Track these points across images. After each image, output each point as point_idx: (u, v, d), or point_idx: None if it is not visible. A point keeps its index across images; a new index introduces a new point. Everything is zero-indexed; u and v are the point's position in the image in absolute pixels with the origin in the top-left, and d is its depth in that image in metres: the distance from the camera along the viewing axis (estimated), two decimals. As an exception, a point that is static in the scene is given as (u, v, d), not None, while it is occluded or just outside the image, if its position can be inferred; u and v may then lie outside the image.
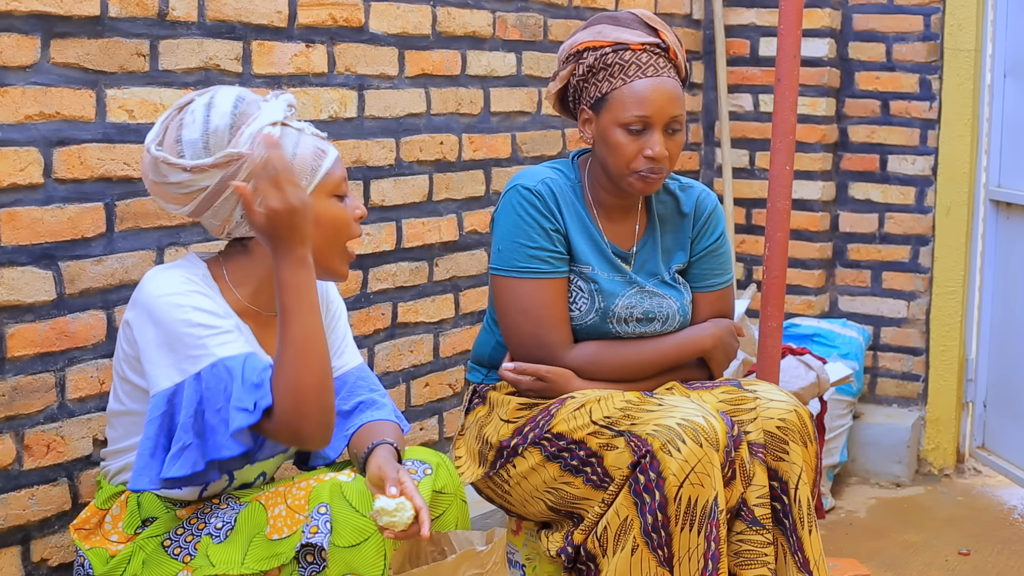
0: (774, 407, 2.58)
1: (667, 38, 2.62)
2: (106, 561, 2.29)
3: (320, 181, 2.26)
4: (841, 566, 3.48)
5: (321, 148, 2.28)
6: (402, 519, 2.14)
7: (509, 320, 2.64)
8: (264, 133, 2.21)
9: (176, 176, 2.21)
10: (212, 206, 2.24)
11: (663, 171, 2.62)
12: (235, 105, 2.23)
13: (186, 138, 2.21)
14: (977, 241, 4.59)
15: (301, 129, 2.28)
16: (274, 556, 2.18)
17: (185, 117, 2.23)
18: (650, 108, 2.58)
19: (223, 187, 2.21)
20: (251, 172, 2.19)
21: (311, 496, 2.20)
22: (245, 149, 2.20)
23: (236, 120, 2.22)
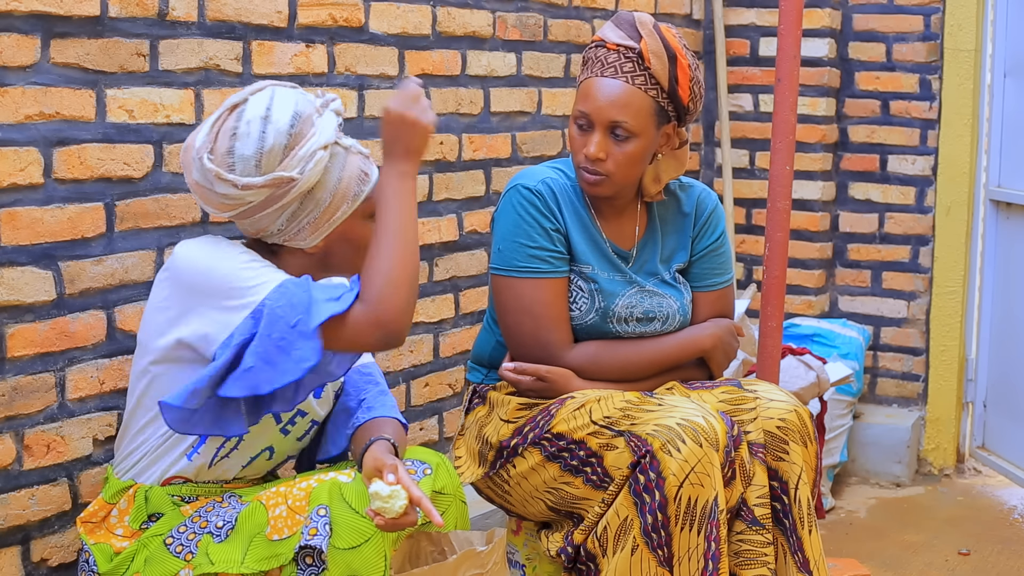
0: (774, 407, 2.58)
1: (646, 45, 2.56)
2: (110, 558, 2.29)
3: (360, 205, 2.30)
4: (841, 566, 3.48)
5: (365, 171, 2.31)
6: (394, 507, 2.13)
7: (509, 320, 2.64)
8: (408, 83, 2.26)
9: (223, 188, 2.22)
10: (252, 217, 2.27)
11: (601, 176, 2.58)
12: (292, 124, 2.22)
13: (239, 152, 2.21)
14: (977, 241, 4.59)
15: (348, 148, 2.29)
16: (274, 556, 2.18)
17: (240, 127, 2.22)
18: (589, 106, 2.58)
19: (268, 204, 2.23)
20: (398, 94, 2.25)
21: (311, 497, 2.20)
22: (296, 172, 2.21)
23: (291, 140, 2.22)
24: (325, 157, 2.24)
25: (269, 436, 2.38)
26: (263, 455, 2.41)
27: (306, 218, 2.27)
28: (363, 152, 2.34)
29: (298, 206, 2.25)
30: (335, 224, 2.30)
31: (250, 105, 2.24)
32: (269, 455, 2.42)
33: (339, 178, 2.27)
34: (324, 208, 2.27)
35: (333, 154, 2.26)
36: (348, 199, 2.29)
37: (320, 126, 2.25)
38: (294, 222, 2.27)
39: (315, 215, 2.27)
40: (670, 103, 2.60)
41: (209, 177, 2.22)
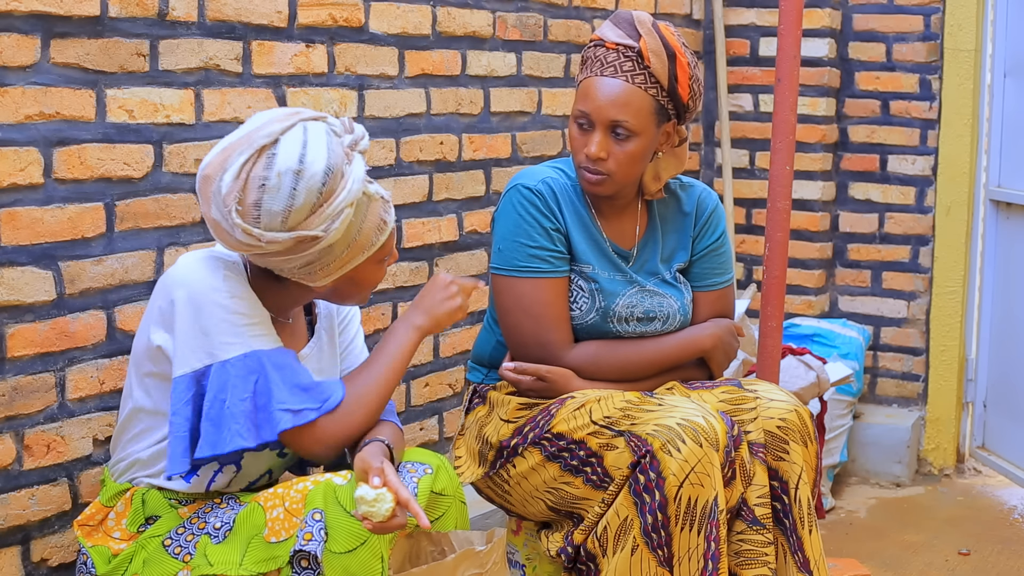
0: (774, 407, 2.58)
1: (645, 43, 2.57)
2: (108, 560, 2.29)
3: (374, 255, 2.31)
4: (841, 566, 3.48)
5: (384, 220, 2.30)
6: (380, 510, 2.12)
7: (510, 320, 2.64)
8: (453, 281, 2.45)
9: (243, 237, 2.17)
10: (266, 260, 2.25)
11: (602, 175, 2.59)
12: (324, 180, 2.16)
13: (267, 207, 2.15)
14: (977, 241, 4.59)
15: (371, 196, 2.26)
16: (271, 559, 2.18)
17: (271, 178, 2.14)
18: (590, 105, 2.58)
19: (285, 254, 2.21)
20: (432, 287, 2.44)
21: (306, 500, 2.20)
22: (320, 231, 2.18)
23: (321, 199, 2.17)
24: (351, 214, 2.21)
25: (267, 461, 2.38)
26: (263, 478, 2.41)
27: (320, 265, 2.26)
28: (384, 197, 2.31)
29: (315, 256, 2.23)
30: (347, 270, 2.29)
31: (281, 152, 2.16)
32: (269, 476, 2.42)
33: (359, 230, 2.25)
34: (339, 257, 2.26)
35: (357, 205, 2.23)
36: (365, 249, 2.28)
37: (350, 179, 2.20)
38: (307, 267, 2.25)
39: (329, 263, 2.26)
40: (670, 101, 2.60)
41: (233, 226, 2.16)
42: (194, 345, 2.18)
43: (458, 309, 2.44)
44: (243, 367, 2.17)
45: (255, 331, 2.21)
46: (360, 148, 2.27)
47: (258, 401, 2.18)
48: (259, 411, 2.18)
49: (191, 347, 2.19)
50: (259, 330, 2.22)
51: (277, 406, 2.18)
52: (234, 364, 2.17)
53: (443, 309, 2.42)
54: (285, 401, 2.18)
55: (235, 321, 2.19)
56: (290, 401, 2.19)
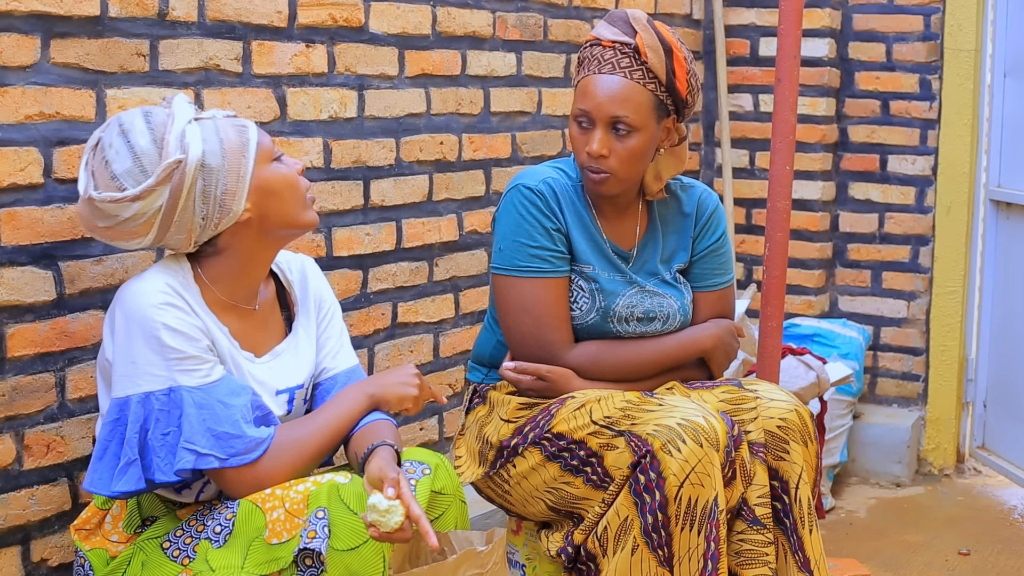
0: (774, 407, 2.58)
1: (641, 39, 2.58)
2: (106, 562, 2.29)
3: (256, 155, 2.29)
4: (841, 566, 3.48)
5: (240, 125, 2.31)
6: (390, 522, 2.12)
7: (510, 319, 2.64)
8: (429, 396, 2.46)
9: (127, 211, 2.22)
10: (173, 221, 2.25)
11: (605, 173, 2.59)
12: (147, 122, 2.24)
13: (119, 170, 2.21)
14: (977, 241, 4.59)
15: (213, 116, 2.30)
16: (273, 560, 2.18)
17: (107, 153, 2.23)
18: (590, 103, 2.58)
19: (176, 199, 2.22)
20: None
21: (309, 500, 2.19)
22: (179, 154, 2.21)
23: (156, 134, 2.23)
24: (196, 129, 2.24)
25: None
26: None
27: (218, 188, 2.25)
28: (229, 114, 2.34)
29: (203, 182, 2.24)
30: (246, 180, 2.28)
31: (105, 135, 2.26)
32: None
33: (220, 139, 2.26)
34: (226, 171, 2.26)
35: (203, 127, 2.26)
36: (242, 152, 2.28)
37: (174, 110, 2.26)
38: (210, 200, 2.25)
39: (224, 181, 2.25)
40: (669, 96, 2.61)
41: (108, 210, 2.22)
42: (123, 372, 2.21)
43: (409, 398, 2.42)
44: (166, 402, 2.19)
45: (184, 366, 2.21)
46: (178, 97, 2.31)
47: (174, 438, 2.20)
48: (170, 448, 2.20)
49: (120, 373, 2.21)
50: (189, 364, 2.21)
51: (184, 444, 2.19)
52: (157, 398, 2.19)
53: (396, 391, 2.42)
54: (194, 441, 2.19)
55: (165, 355, 2.19)
56: (199, 443, 2.19)
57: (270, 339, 2.41)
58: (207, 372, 2.22)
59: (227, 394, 2.22)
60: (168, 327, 2.20)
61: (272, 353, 2.40)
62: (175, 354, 2.20)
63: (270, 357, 2.39)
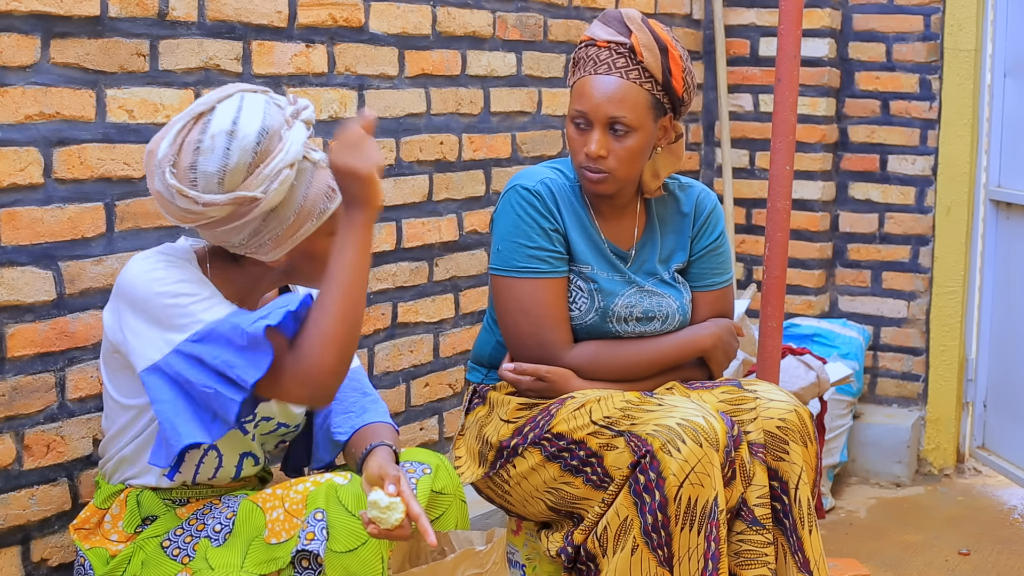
0: (774, 407, 2.58)
1: (637, 39, 2.57)
2: (106, 562, 2.29)
3: (325, 222, 2.24)
4: (841, 566, 3.48)
5: (332, 187, 2.23)
6: (390, 519, 2.13)
7: (509, 320, 2.64)
8: (365, 114, 2.18)
9: (184, 203, 2.15)
10: (214, 231, 2.21)
11: (604, 173, 2.59)
12: (258, 141, 2.13)
13: (201, 168, 2.13)
14: (977, 241, 4.59)
15: (316, 163, 2.22)
16: (272, 560, 2.18)
17: (204, 141, 2.13)
18: (587, 104, 2.58)
19: (229, 221, 2.17)
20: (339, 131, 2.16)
21: (308, 500, 2.19)
22: (259, 192, 2.14)
23: (257, 158, 2.14)
24: (291, 175, 2.16)
25: (240, 443, 2.36)
26: (248, 461, 2.39)
27: (268, 235, 2.20)
28: None
29: (260, 223, 2.18)
30: (298, 240, 2.23)
31: (216, 116, 2.15)
32: (255, 461, 2.40)
33: (304, 195, 2.19)
34: (287, 226, 2.20)
35: (300, 170, 2.18)
36: (313, 216, 2.22)
37: (288, 141, 2.17)
38: (256, 238, 2.20)
39: (278, 232, 2.20)
40: (665, 95, 2.61)
41: (171, 191, 2.14)
42: (148, 337, 2.14)
43: (369, 170, 2.14)
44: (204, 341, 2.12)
45: (203, 305, 2.15)
46: (303, 117, 2.23)
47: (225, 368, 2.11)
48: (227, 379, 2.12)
49: (146, 340, 2.15)
50: (207, 303, 2.15)
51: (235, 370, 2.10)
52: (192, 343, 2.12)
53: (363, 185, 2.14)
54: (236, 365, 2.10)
55: (181, 303, 2.14)
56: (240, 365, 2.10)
57: None
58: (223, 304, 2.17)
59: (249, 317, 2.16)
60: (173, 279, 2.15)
61: None
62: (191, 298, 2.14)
63: None
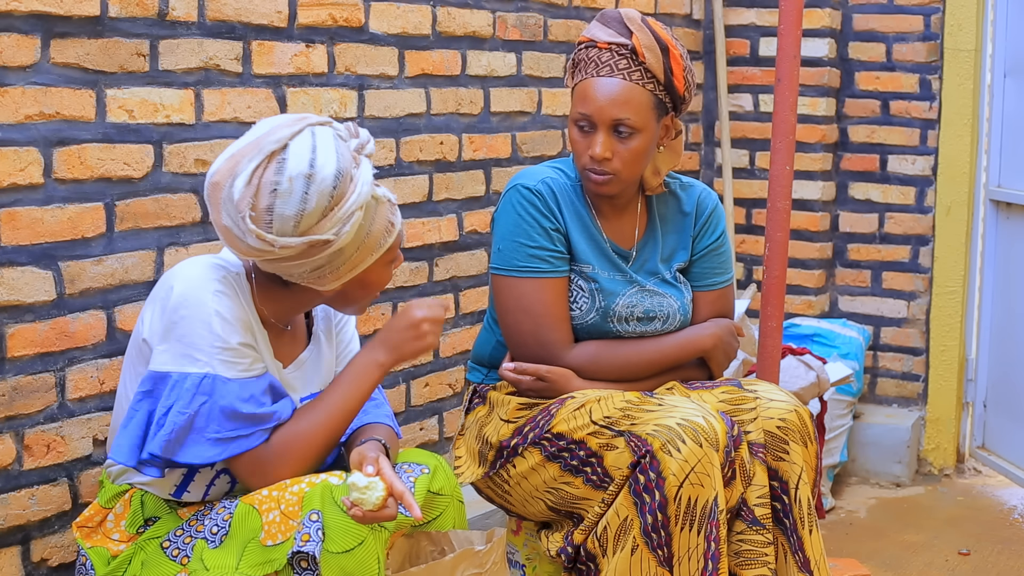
0: (774, 407, 2.58)
1: (638, 40, 2.58)
2: (107, 561, 2.29)
3: (382, 256, 2.30)
4: (841, 566, 3.48)
5: (391, 221, 2.29)
6: (371, 498, 2.13)
7: (509, 320, 2.64)
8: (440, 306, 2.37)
9: (258, 244, 2.16)
10: (276, 265, 2.23)
11: (609, 175, 2.59)
12: (335, 185, 2.16)
13: (279, 212, 2.14)
14: (977, 241, 4.59)
15: (379, 199, 2.26)
16: (268, 562, 2.18)
17: (282, 183, 2.14)
18: (590, 107, 2.58)
19: (298, 259, 2.20)
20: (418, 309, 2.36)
21: (303, 502, 2.19)
22: (331, 235, 2.17)
23: (332, 202, 2.17)
24: (361, 216, 2.21)
25: None
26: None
27: (330, 270, 2.25)
28: (391, 199, 2.31)
29: (326, 260, 2.23)
30: (356, 273, 2.29)
31: (292, 157, 2.16)
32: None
33: (368, 232, 2.25)
34: (349, 260, 2.25)
35: (366, 211, 2.23)
36: (373, 251, 2.27)
37: (359, 182, 2.21)
38: (316, 271, 2.24)
39: (339, 267, 2.25)
40: (667, 95, 2.61)
41: (245, 232, 2.15)
42: (166, 347, 2.19)
43: (427, 348, 2.38)
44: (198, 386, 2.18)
45: (225, 356, 2.19)
46: (367, 152, 2.27)
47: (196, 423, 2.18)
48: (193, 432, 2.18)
49: (164, 348, 2.19)
50: (230, 356, 2.20)
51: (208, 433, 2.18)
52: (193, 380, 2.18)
53: (410, 348, 2.36)
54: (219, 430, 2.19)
55: (211, 341, 2.18)
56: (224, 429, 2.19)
57: (296, 348, 2.41)
58: (248, 366, 2.22)
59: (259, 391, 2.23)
60: (219, 314, 2.19)
61: (296, 363, 2.40)
62: (219, 342, 2.18)
63: (294, 367, 2.40)
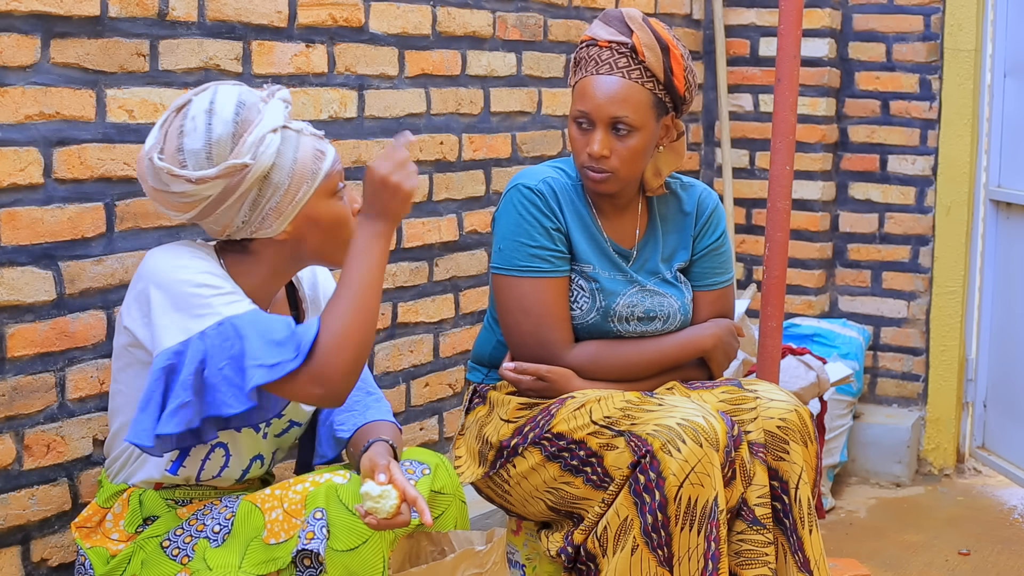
0: (774, 407, 2.58)
1: (638, 39, 2.58)
2: (107, 561, 2.29)
3: (320, 183, 2.27)
4: (841, 566, 3.48)
5: (320, 149, 2.28)
6: (385, 506, 2.13)
7: (510, 319, 2.64)
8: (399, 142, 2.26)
9: (179, 186, 2.20)
10: (214, 213, 2.24)
11: (607, 173, 2.59)
12: (236, 112, 2.21)
13: (188, 147, 2.19)
14: (977, 241, 4.59)
15: (300, 130, 2.27)
16: (271, 561, 2.18)
17: (186, 123, 2.21)
18: (589, 104, 2.58)
19: (226, 196, 2.21)
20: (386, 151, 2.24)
21: (307, 500, 2.20)
22: (248, 159, 2.19)
23: (238, 128, 2.20)
24: (276, 140, 2.22)
25: (253, 445, 2.37)
26: (256, 464, 2.40)
27: (268, 204, 2.24)
28: (316, 133, 2.31)
29: (257, 192, 2.22)
30: (299, 206, 2.26)
31: (194, 103, 2.23)
32: (262, 463, 2.41)
33: (294, 159, 2.24)
34: (284, 191, 2.24)
35: (284, 137, 2.24)
36: (307, 179, 2.25)
37: (267, 112, 2.24)
38: (256, 210, 2.24)
39: (276, 199, 2.24)
40: (667, 94, 2.61)
41: (163, 177, 2.20)
42: (168, 323, 2.16)
43: (409, 193, 2.24)
44: (218, 335, 2.14)
45: (226, 299, 2.18)
46: (279, 96, 2.29)
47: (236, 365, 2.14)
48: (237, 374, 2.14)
49: (166, 326, 2.16)
50: (229, 298, 2.18)
51: (250, 363, 2.13)
52: (209, 335, 2.14)
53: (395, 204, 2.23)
54: (259, 357, 2.13)
55: (203, 293, 2.17)
56: (264, 357, 2.13)
57: None
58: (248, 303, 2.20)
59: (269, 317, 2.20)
60: (201, 270, 2.19)
61: None
62: (214, 290, 2.17)
63: None
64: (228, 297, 2.18)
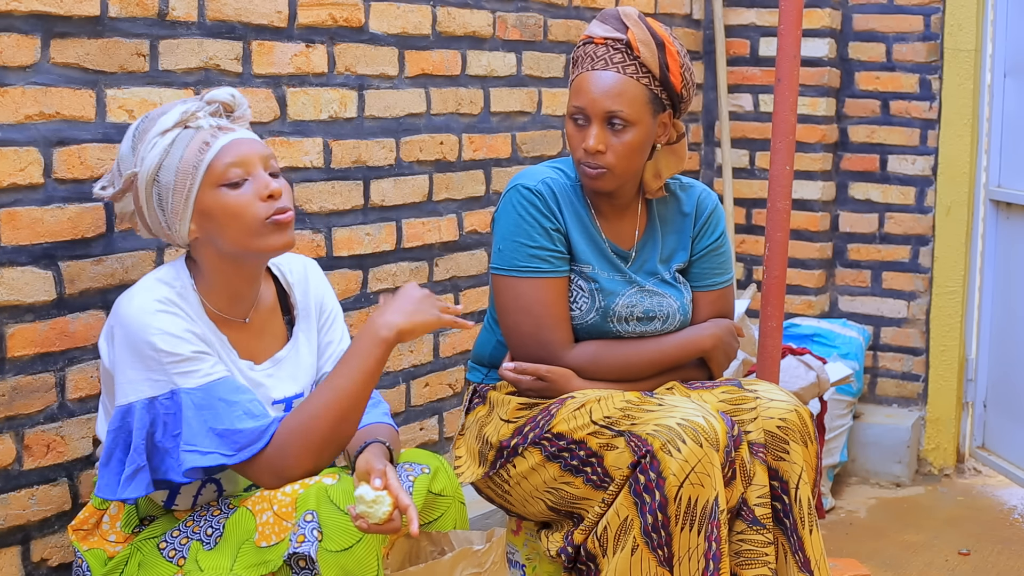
0: (774, 407, 2.58)
1: (633, 35, 2.58)
2: (104, 563, 2.29)
3: (203, 178, 2.25)
4: (841, 566, 3.48)
5: (205, 142, 2.26)
6: (377, 512, 2.12)
7: (510, 320, 2.65)
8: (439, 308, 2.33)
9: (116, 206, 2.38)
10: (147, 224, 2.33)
11: (602, 168, 2.59)
12: (137, 126, 2.31)
13: (112, 169, 2.35)
14: (977, 241, 4.59)
15: (198, 128, 2.27)
16: (263, 563, 2.17)
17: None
18: (584, 99, 2.58)
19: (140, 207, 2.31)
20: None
21: (297, 503, 2.19)
22: (137, 167, 2.27)
23: (135, 141, 2.29)
24: (163, 141, 2.26)
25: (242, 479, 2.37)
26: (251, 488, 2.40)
27: (168, 206, 2.26)
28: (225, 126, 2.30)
29: (158, 197, 2.26)
30: (191, 204, 2.25)
31: None
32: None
33: (180, 156, 2.25)
34: (173, 190, 2.25)
35: (177, 138, 2.26)
36: (190, 173, 2.24)
37: (163, 117, 2.28)
38: (159, 215, 2.28)
39: (171, 200, 2.25)
40: (663, 90, 2.61)
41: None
42: (124, 380, 2.20)
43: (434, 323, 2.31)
44: (166, 407, 2.18)
45: (182, 368, 2.19)
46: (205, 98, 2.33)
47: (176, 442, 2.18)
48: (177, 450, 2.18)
49: (123, 382, 2.20)
50: (186, 366, 2.19)
51: (186, 446, 2.17)
52: (160, 403, 2.18)
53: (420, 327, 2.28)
54: (195, 443, 2.17)
55: (161, 360, 2.18)
56: (200, 444, 2.17)
57: (270, 345, 2.39)
58: (207, 371, 2.21)
59: (229, 391, 2.21)
60: (163, 331, 2.19)
61: (272, 360, 2.39)
62: (171, 358, 2.19)
63: (270, 364, 2.38)
64: (185, 365, 2.19)
